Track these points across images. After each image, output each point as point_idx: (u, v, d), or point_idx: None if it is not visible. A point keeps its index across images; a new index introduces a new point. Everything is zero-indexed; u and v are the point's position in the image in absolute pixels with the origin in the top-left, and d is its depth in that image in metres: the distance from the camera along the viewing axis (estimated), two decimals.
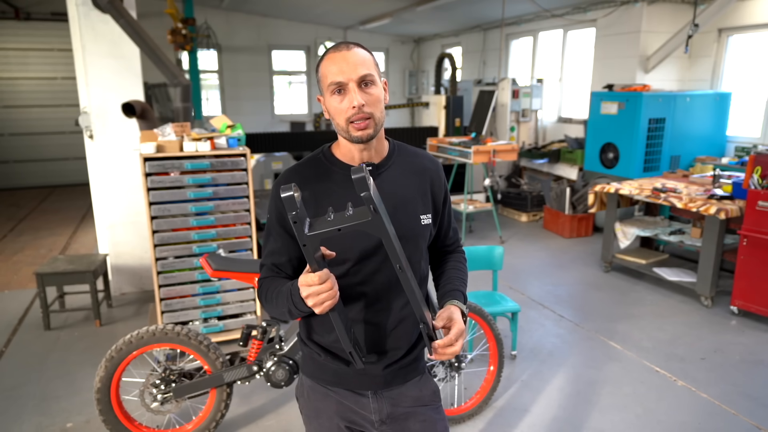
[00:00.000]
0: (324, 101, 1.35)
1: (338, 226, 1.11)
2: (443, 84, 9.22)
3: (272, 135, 7.45)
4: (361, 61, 1.29)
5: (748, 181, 4.06)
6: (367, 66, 1.30)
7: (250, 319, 3.74)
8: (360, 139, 1.31)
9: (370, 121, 1.30)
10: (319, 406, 1.50)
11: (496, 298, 3.59)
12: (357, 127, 1.29)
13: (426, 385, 1.54)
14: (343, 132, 1.32)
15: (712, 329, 4.06)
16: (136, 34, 4.08)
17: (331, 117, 1.34)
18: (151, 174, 3.30)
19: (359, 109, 1.28)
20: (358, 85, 1.28)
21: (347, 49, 1.30)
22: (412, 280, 1.20)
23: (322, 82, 1.32)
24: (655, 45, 6.44)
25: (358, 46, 1.32)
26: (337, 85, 1.28)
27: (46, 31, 9.13)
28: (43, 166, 9.66)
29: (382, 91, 1.33)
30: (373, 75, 1.30)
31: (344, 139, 1.36)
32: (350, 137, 1.32)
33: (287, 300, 1.31)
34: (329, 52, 1.31)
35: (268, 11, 10.39)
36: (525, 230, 6.81)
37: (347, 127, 1.30)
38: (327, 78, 1.30)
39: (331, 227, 1.11)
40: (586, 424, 2.94)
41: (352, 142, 1.34)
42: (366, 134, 1.31)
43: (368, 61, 1.31)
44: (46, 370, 3.50)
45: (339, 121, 1.31)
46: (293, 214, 1.08)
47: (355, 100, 1.27)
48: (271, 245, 1.42)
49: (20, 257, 5.78)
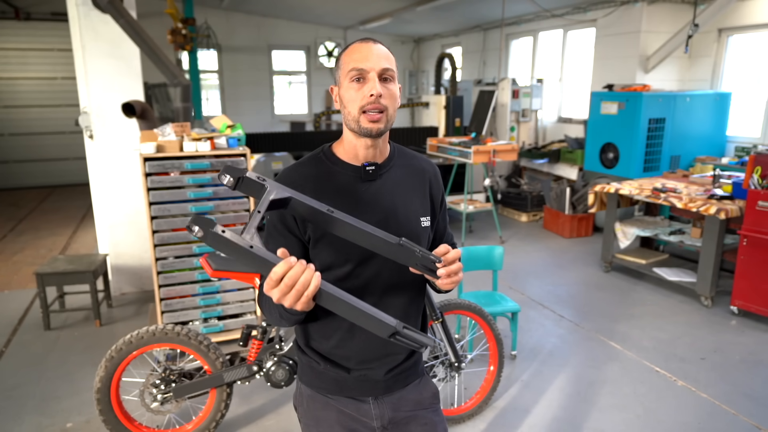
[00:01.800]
0: (338, 90, 1.34)
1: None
2: (443, 84, 9.22)
3: (272, 135, 7.45)
4: (386, 56, 1.30)
5: (748, 181, 4.06)
6: (390, 62, 1.31)
7: (250, 319, 3.74)
8: (369, 132, 1.29)
9: (383, 115, 1.29)
10: (319, 415, 1.47)
11: (496, 298, 3.59)
12: (369, 118, 1.28)
13: (426, 387, 1.54)
14: (353, 122, 1.30)
15: (712, 329, 4.06)
16: (136, 34, 4.08)
17: (342, 106, 1.33)
18: (151, 174, 3.30)
19: (376, 99, 1.27)
20: (379, 76, 1.28)
21: (373, 43, 1.31)
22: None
23: (342, 69, 1.31)
24: (655, 45, 6.44)
25: (382, 44, 1.34)
26: (358, 72, 1.27)
27: (46, 31, 9.13)
28: (43, 166, 9.66)
29: (398, 91, 1.34)
30: (394, 72, 1.31)
31: (350, 135, 1.35)
32: (359, 128, 1.30)
33: (276, 305, 1.26)
34: (354, 43, 1.32)
35: (268, 11, 10.39)
36: (525, 230, 6.81)
37: (359, 117, 1.29)
38: (348, 64, 1.29)
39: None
40: (586, 424, 2.94)
41: (360, 136, 1.32)
42: (377, 128, 1.29)
43: (391, 59, 1.32)
44: (46, 370, 3.50)
45: (351, 110, 1.29)
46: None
47: (374, 88, 1.26)
48: (272, 247, 1.39)
49: (20, 257, 5.78)
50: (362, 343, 1.39)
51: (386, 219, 1.34)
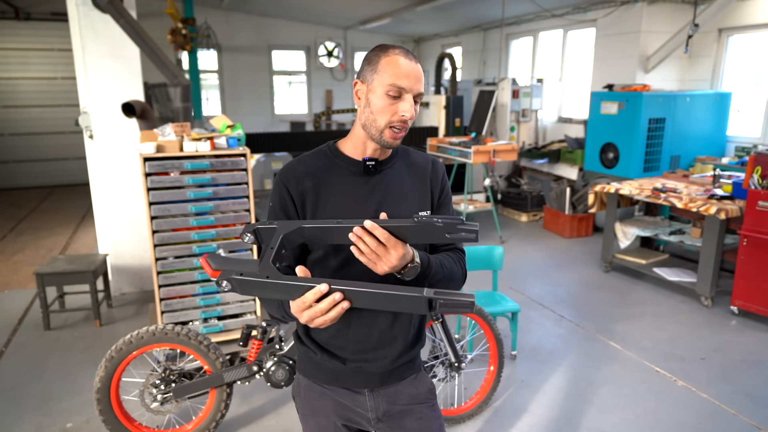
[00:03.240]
0: (367, 92, 1.34)
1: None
2: (443, 84, 9.22)
3: (272, 135, 7.45)
4: (422, 78, 1.35)
5: (748, 181, 4.06)
6: (422, 85, 1.35)
7: (250, 319, 3.74)
8: (389, 146, 1.36)
9: (404, 133, 1.35)
10: (316, 404, 1.51)
11: (496, 298, 3.59)
12: (393, 135, 1.34)
13: (422, 382, 1.56)
14: (375, 131, 1.34)
15: (712, 329, 4.06)
16: (136, 34, 4.08)
17: (369, 111, 1.34)
18: (151, 174, 3.30)
19: (406, 119, 1.32)
20: (414, 98, 1.32)
21: (415, 61, 1.33)
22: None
23: (379, 75, 1.31)
24: (655, 45, 6.44)
25: (419, 62, 1.36)
26: (398, 89, 1.30)
27: (46, 31, 9.13)
28: (43, 166, 9.66)
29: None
30: (423, 94, 1.36)
31: (362, 133, 1.38)
32: (380, 140, 1.35)
33: (279, 308, 1.34)
34: (396, 52, 1.32)
35: (268, 11, 10.39)
36: (525, 230, 6.80)
37: (384, 129, 1.33)
38: (389, 77, 1.30)
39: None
40: (585, 424, 2.94)
41: (376, 143, 1.37)
42: (396, 143, 1.36)
43: (423, 80, 1.36)
44: (46, 370, 3.49)
45: (378, 120, 1.33)
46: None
47: (408, 111, 1.31)
48: None
49: (20, 257, 5.78)
50: (358, 333, 1.42)
51: (383, 210, 1.37)
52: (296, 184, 1.37)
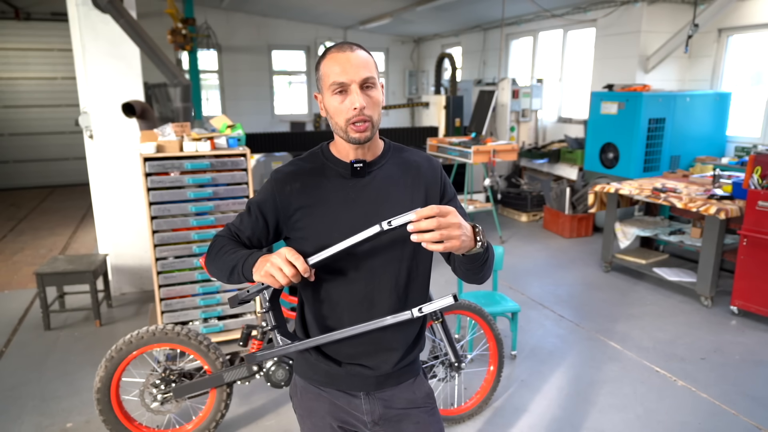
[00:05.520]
0: (322, 99, 1.36)
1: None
2: (443, 84, 9.22)
3: (272, 135, 7.46)
4: (364, 63, 1.30)
5: (748, 181, 4.06)
6: (369, 69, 1.31)
7: (250, 319, 3.74)
8: (357, 141, 1.33)
9: (369, 123, 1.32)
10: (312, 405, 1.51)
11: (496, 298, 3.60)
12: (356, 129, 1.31)
13: (420, 387, 1.54)
14: (341, 132, 1.34)
15: (712, 329, 4.06)
16: (136, 34, 4.08)
17: (329, 116, 1.35)
18: (151, 174, 3.30)
19: (360, 111, 1.29)
20: (360, 87, 1.29)
21: (351, 50, 1.30)
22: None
23: (323, 81, 1.33)
24: (655, 45, 6.44)
25: (360, 48, 1.33)
26: (339, 85, 1.29)
27: (46, 31, 9.13)
28: (43, 166, 9.66)
29: (381, 94, 1.35)
30: (375, 78, 1.32)
31: (340, 138, 1.38)
32: (348, 138, 1.33)
33: (241, 259, 1.33)
34: (332, 51, 1.32)
35: (268, 11, 10.39)
36: (525, 230, 6.81)
37: (346, 127, 1.32)
38: (329, 77, 1.30)
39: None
40: (586, 424, 2.94)
41: (348, 143, 1.35)
42: (364, 136, 1.32)
43: (370, 64, 1.32)
44: (46, 370, 3.50)
45: (338, 121, 1.32)
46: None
47: (356, 102, 1.29)
48: (246, 220, 1.43)
49: (20, 257, 5.78)
50: (358, 340, 1.41)
51: (372, 212, 1.36)
52: (284, 187, 1.39)
